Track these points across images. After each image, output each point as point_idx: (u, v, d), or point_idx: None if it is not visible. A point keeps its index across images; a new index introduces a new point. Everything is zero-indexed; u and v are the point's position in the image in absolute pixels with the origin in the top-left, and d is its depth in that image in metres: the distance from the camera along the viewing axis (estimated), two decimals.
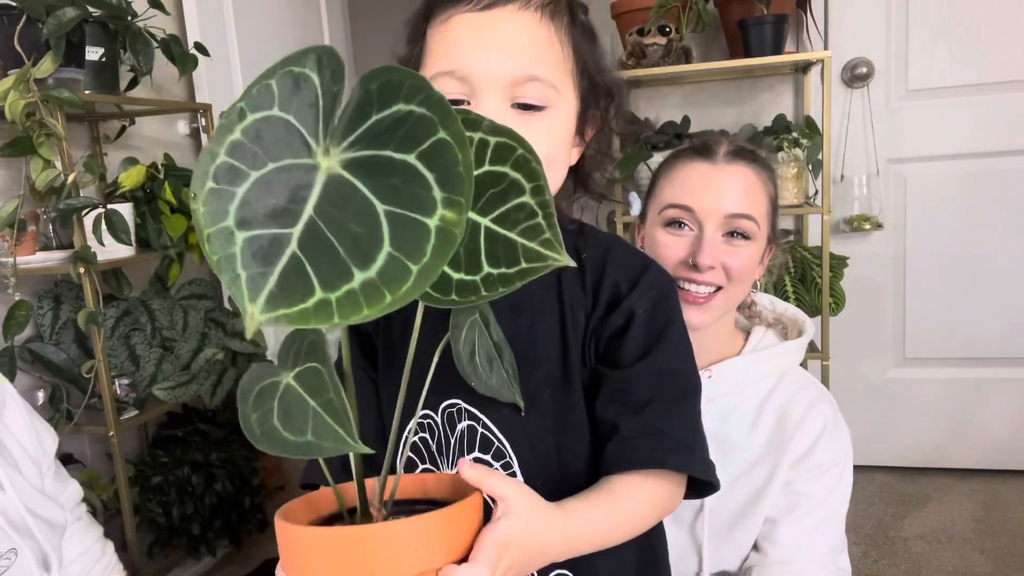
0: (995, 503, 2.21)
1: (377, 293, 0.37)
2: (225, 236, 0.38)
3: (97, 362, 1.54)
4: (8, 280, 1.45)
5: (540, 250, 0.49)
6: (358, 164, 0.39)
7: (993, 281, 2.30)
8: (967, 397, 2.37)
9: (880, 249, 2.35)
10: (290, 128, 0.39)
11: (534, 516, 0.59)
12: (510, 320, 0.73)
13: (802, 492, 0.99)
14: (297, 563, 0.50)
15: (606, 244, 0.77)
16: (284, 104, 0.39)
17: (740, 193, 0.99)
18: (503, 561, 0.54)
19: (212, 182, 0.39)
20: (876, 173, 2.29)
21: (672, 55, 2.08)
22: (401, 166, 0.38)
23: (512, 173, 0.48)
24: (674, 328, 0.73)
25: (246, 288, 0.37)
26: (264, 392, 0.47)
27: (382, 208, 0.38)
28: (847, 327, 2.32)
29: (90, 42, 1.57)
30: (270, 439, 0.45)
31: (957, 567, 1.91)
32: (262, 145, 0.39)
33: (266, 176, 0.38)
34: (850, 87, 2.29)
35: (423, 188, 0.38)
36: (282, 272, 0.37)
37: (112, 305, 1.72)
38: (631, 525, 0.67)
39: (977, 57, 2.19)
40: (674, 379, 0.71)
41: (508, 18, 0.67)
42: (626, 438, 0.68)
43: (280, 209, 0.38)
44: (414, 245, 0.38)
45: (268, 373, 0.48)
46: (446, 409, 0.74)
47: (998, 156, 2.24)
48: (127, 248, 1.56)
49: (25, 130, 1.40)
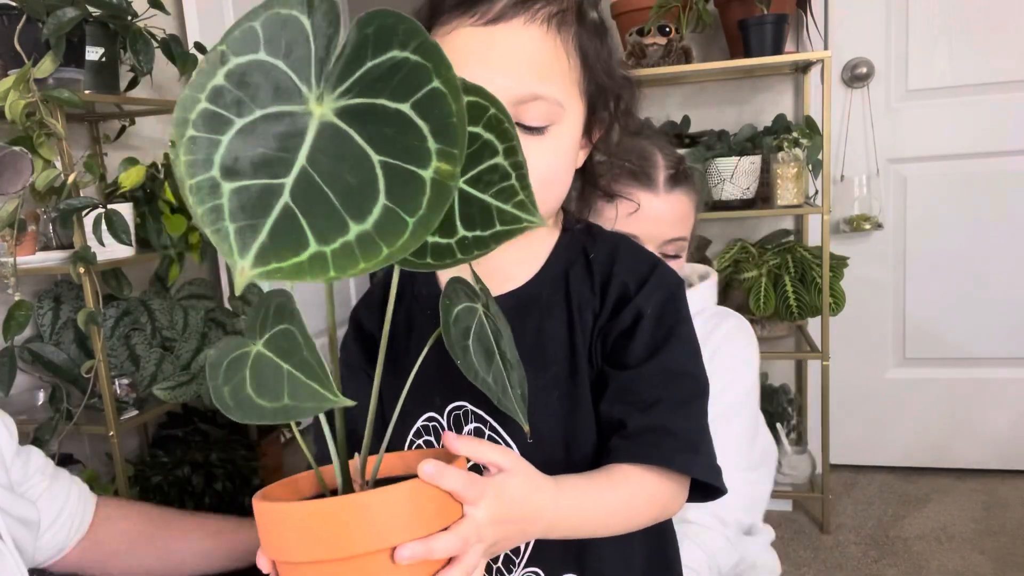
0: (995, 503, 2.21)
1: (373, 246, 0.36)
2: (210, 187, 0.36)
3: (97, 362, 1.54)
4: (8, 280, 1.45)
5: (515, 212, 0.49)
6: (352, 112, 0.37)
7: (993, 281, 2.30)
8: (967, 397, 2.37)
9: (880, 249, 2.35)
10: (278, 73, 0.37)
11: (525, 480, 0.58)
12: (517, 321, 0.72)
13: None
14: (274, 542, 0.50)
15: (614, 244, 0.76)
16: (271, 48, 0.37)
17: (676, 221, 1.07)
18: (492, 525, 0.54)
19: (193, 129, 0.36)
20: (876, 173, 2.29)
21: (672, 55, 2.08)
22: (396, 115, 0.37)
23: (485, 134, 0.47)
24: (682, 329, 0.73)
25: (235, 241, 0.35)
26: (234, 363, 0.45)
27: (377, 159, 0.36)
28: (847, 327, 2.32)
29: (90, 42, 1.56)
30: (244, 408, 0.43)
31: (957, 567, 1.91)
32: (247, 91, 0.37)
33: (253, 123, 0.37)
34: (850, 87, 2.29)
35: (418, 138, 0.37)
36: (274, 224, 0.35)
37: (112, 305, 1.72)
38: (628, 514, 0.66)
39: (977, 57, 2.19)
40: (682, 380, 0.71)
41: (513, 34, 0.65)
42: (631, 434, 0.67)
43: (270, 158, 0.36)
44: (410, 197, 0.36)
45: (236, 344, 0.46)
46: (452, 412, 0.74)
47: (998, 156, 2.24)
48: (127, 248, 1.56)
49: (25, 130, 1.40)
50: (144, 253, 1.69)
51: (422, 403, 0.75)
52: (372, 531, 0.47)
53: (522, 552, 0.72)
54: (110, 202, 1.55)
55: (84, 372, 1.55)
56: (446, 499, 0.51)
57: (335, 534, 0.47)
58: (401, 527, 0.48)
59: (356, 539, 0.47)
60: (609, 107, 0.74)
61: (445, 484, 0.50)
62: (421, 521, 0.49)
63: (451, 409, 0.74)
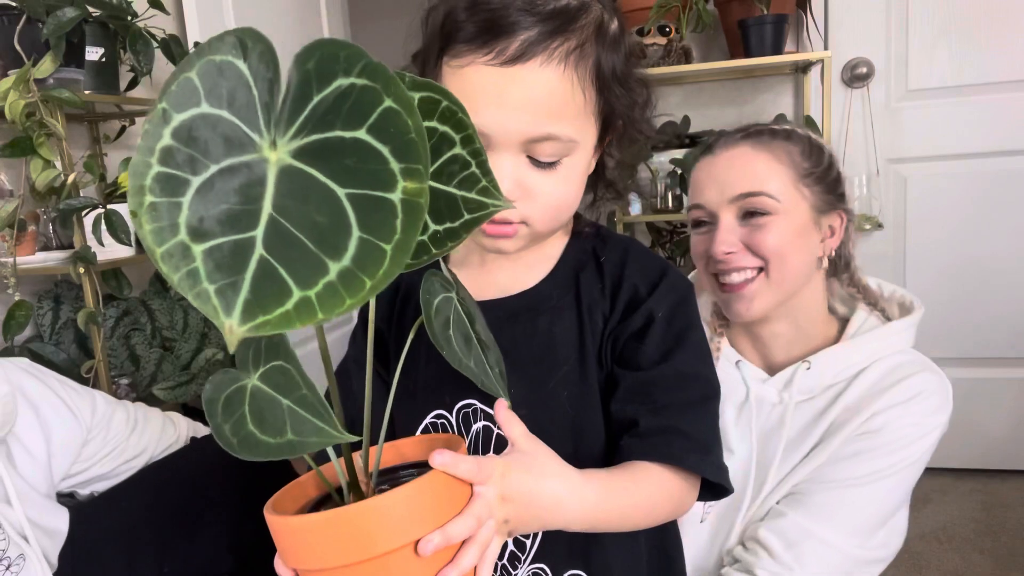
0: (995, 503, 2.21)
1: (356, 280, 0.35)
2: (180, 252, 0.35)
3: (97, 362, 1.54)
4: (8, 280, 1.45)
5: (479, 199, 0.49)
6: (309, 151, 0.36)
7: (993, 281, 2.30)
8: (967, 397, 2.37)
9: (880, 249, 2.35)
10: (224, 125, 0.36)
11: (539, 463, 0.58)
12: (528, 322, 0.73)
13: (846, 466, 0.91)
14: (297, 553, 0.50)
15: (625, 247, 0.77)
16: (212, 98, 0.36)
17: (741, 174, 0.97)
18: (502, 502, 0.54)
19: (151, 195, 0.35)
20: (876, 173, 2.29)
21: (672, 55, 2.08)
22: (353, 144, 0.36)
23: (440, 126, 0.47)
24: (693, 332, 0.73)
25: (218, 302, 0.35)
26: (232, 399, 0.45)
27: (343, 192, 0.36)
28: None
29: (90, 42, 1.56)
30: (249, 445, 0.43)
31: (957, 567, 1.91)
32: (197, 147, 0.36)
33: (211, 180, 0.36)
34: (850, 87, 2.29)
35: (379, 163, 0.36)
36: (253, 278, 0.35)
37: (112, 305, 1.72)
38: (648, 511, 0.67)
39: (977, 57, 2.19)
40: (695, 383, 0.71)
41: (530, 75, 0.63)
42: (644, 433, 0.68)
43: (236, 212, 0.35)
44: (383, 224, 0.36)
45: (230, 379, 0.46)
46: (461, 410, 0.74)
47: (998, 156, 2.24)
48: (127, 248, 1.56)
49: (25, 130, 1.40)
50: (144, 253, 1.69)
51: (431, 400, 0.75)
52: (392, 529, 0.48)
53: (528, 548, 0.73)
54: (110, 202, 1.55)
55: (84, 372, 1.55)
56: (456, 486, 0.52)
57: (358, 538, 0.48)
58: (419, 520, 0.49)
59: (378, 539, 0.48)
60: (624, 116, 0.73)
61: (459, 471, 0.51)
62: (437, 511, 0.50)
63: (460, 407, 0.74)
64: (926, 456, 0.93)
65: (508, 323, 0.74)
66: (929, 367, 0.96)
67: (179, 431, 1.26)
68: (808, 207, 0.97)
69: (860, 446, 0.92)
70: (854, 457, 0.92)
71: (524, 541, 0.73)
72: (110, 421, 1.14)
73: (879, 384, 0.94)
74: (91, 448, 1.11)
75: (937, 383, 0.94)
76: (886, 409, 0.91)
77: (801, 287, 0.98)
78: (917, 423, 0.92)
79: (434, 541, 0.49)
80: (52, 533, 1.03)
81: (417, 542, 0.49)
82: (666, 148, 2.11)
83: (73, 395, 1.10)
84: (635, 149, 0.77)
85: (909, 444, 0.91)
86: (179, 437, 1.26)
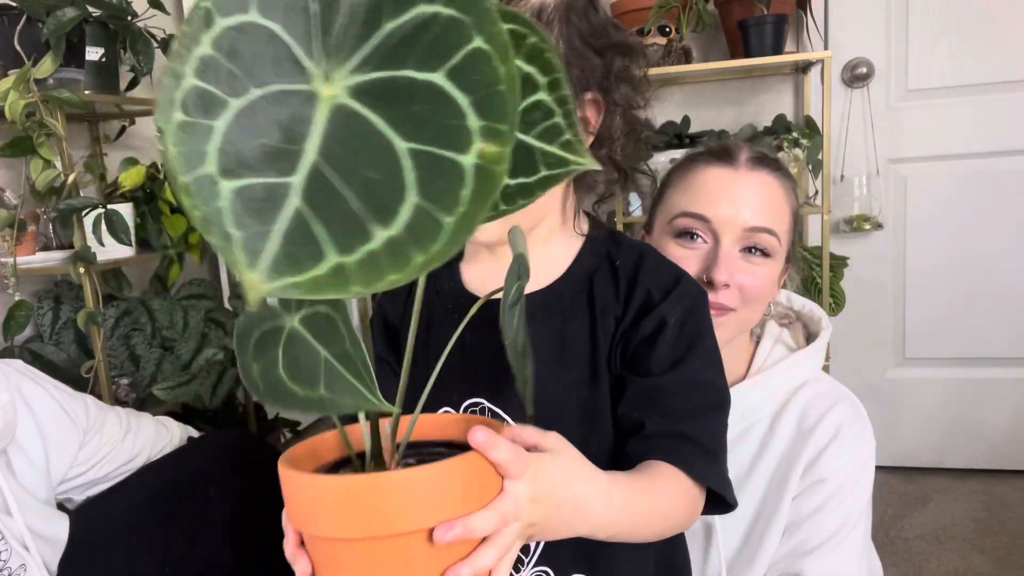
0: (995, 503, 2.21)
1: (403, 254, 0.30)
2: (207, 186, 0.30)
3: (97, 362, 1.54)
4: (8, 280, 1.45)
5: (561, 154, 0.43)
6: (370, 90, 0.30)
7: (993, 281, 2.30)
8: (967, 397, 2.37)
9: (880, 249, 2.35)
10: (275, 41, 0.30)
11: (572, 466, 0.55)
12: (540, 321, 0.72)
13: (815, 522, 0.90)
14: (306, 515, 0.46)
15: (640, 252, 0.76)
16: (265, 6, 0.30)
17: (762, 205, 0.89)
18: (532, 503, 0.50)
19: (182, 113, 0.30)
20: (876, 173, 2.29)
21: (672, 55, 2.08)
22: (426, 89, 0.30)
23: (525, 66, 0.40)
24: (705, 340, 0.72)
25: (243, 252, 0.29)
26: (266, 338, 0.40)
27: (404, 146, 0.29)
28: (847, 327, 2.32)
29: (90, 42, 1.56)
30: (276, 393, 0.39)
31: (957, 567, 1.91)
32: (240, 63, 0.30)
33: (252, 106, 0.30)
34: (850, 87, 2.29)
35: (455, 116, 0.30)
36: (286, 232, 0.29)
37: (112, 305, 1.72)
38: (665, 515, 0.64)
39: (977, 57, 2.19)
40: (705, 391, 0.70)
41: None
42: (651, 436, 0.67)
43: (275, 152, 0.30)
44: (446, 191, 0.30)
45: (267, 315, 0.41)
46: (468, 408, 0.74)
47: (998, 156, 2.24)
48: (127, 248, 1.56)
49: (25, 130, 1.40)
50: (144, 253, 1.69)
51: (439, 398, 0.73)
52: (414, 510, 0.44)
53: (532, 550, 0.72)
54: (110, 202, 1.55)
55: (84, 372, 1.55)
56: (488, 475, 0.48)
57: (378, 511, 0.44)
58: (442, 505, 0.45)
59: (402, 518, 0.44)
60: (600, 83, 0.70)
61: (495, 454, 0.47)
62: (464, 499, 0.46)
63: (467, 405, 0.74)
64: (871, 489, 0.93)
65: None
66: (840, 397, 0.93)
67: (172, 434, 1.26)
68: (786, 252, 0.93)
69: (817, 500, 0.90)
70: (816, 514, 0.90)
71: (527, 544, 0.72)
72: (104, 424, 1.14)
73: (802, 425, 0.92)
74: (87, 451, 1.11)
75: (851, 412, 0.92)
76: (819, 455, 0.90)
77: None
78: (850, 460, 0.90)
79: (454, 530, 0.45)
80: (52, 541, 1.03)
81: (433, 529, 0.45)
82: (666, 148, 2.11)
83: (67, 397, 1.11)
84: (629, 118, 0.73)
85: (855, 483, 0.90)
86: (172, 440, 1.25)
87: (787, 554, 0.91)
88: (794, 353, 0.96)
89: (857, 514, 0.91)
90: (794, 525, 0.91)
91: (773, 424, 0.94)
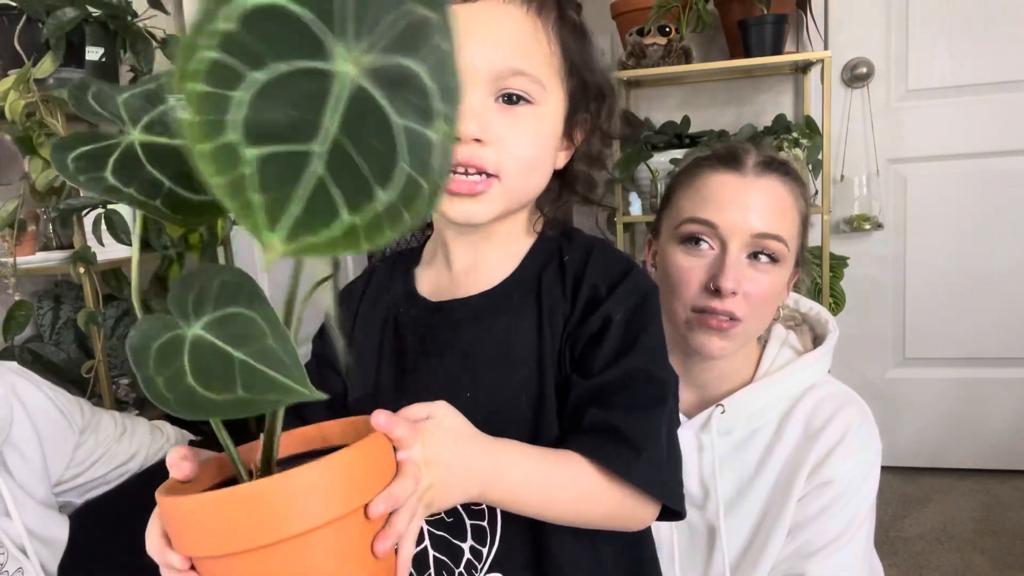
0: (995, 503, 2.21)
1: (397, 214, 0.34)
2: (229, 154, 0.31)
3: (97, 362, 1.54)
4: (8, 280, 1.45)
5: None
6: (381, 74, 0.33)
7: (993, 281, 2.30)
8: (967, 397, 2.37)
9: (880, 249, 2.35)
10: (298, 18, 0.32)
11: (453, 428, 0.59)
12: (488, 322, 0.72)
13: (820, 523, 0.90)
14: (192, 539, 0.45)
15: (588, 246, 0.75)
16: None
17: (770, 210, 0.88)
18: (426, 465, 0.54)
19: (201, 83, 0.31)
20: (876, 173, 2.29)
21: (672, 55, 2.08)
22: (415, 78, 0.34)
23: None
24: (649, 333, 0.70)
25: (263, 215, 0.31)
26: (166, 349, 0.41)
27: (400, 123, 0.34)
28: (847, 327, 2.31)
29: (90, 42, 1.57)
30: (191, 402, 0.39)
31: (957, 567, 1.91)
32: (261, 38, 0.32)
33: (279, 80, 0.32)
34: (850, 87, 2.29)
35: (429, 100, 0.34)
36: (308, 197, 0.32)
37: (112, 305, 1.72)
38: (579, 501, 0.64)
39: (977, 57, 2.19)
40: (644, 385, 0.68)
41: (492, 10, 0.66)
42: (584, 429, 0.66)
43: (297, 121, 0.32)
44: (425, 160, 0.34)
45: (161, 326, 0.41)
46: None
47: (998, 156, 2.24)
48: (127, 248, 1.56)
49: (25, 130, 1.40)
50: (144, 253, 1.69)
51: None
52: (310, 509, 0.44)
53: (484, 557, 0.71)
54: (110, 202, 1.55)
55: (84, 372, 1.55)
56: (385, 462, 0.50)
57: (265, 520, 0.43)
58: (340, 499, 0.46)
59: (291, 522, 0.44)
60: (590, 108, 0.73)
61: (397, 431, 0.52)
62: (360, 490, 0.47)
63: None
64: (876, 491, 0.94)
65: (470, 324, 0.72)
66: (847, 400, 0.94)
67: (168, 437, 1.26)
68: (795, 258, 0.93)
69: (823, 502, 0.90)
70: (821, 515, 0.90)
71: (481, 549, 0.71)
72: (99, 424, 1.15)
73: (809, 427, 0.92)
74: (84, 451, 1.11)
75: (859, 415, 0.92)
76: (826, 457, 0.90)
77: None
78: (857, 462, 0.90)
79: (382, 502, 0.48)
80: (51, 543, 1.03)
81: (337, 520, 0.45)
82: (666, 148, 2.11)
83: (62, 397, 1.11)
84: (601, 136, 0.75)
85: (861, 485, 0.91)
86: (169, 442, 1.26)
87: (791, 555, 0.91)
88: (801, 356, 0.96)
89: (862, 517, 0.91)
90: (798, 526, 0.91)
91: (780, 427, 0.94)
